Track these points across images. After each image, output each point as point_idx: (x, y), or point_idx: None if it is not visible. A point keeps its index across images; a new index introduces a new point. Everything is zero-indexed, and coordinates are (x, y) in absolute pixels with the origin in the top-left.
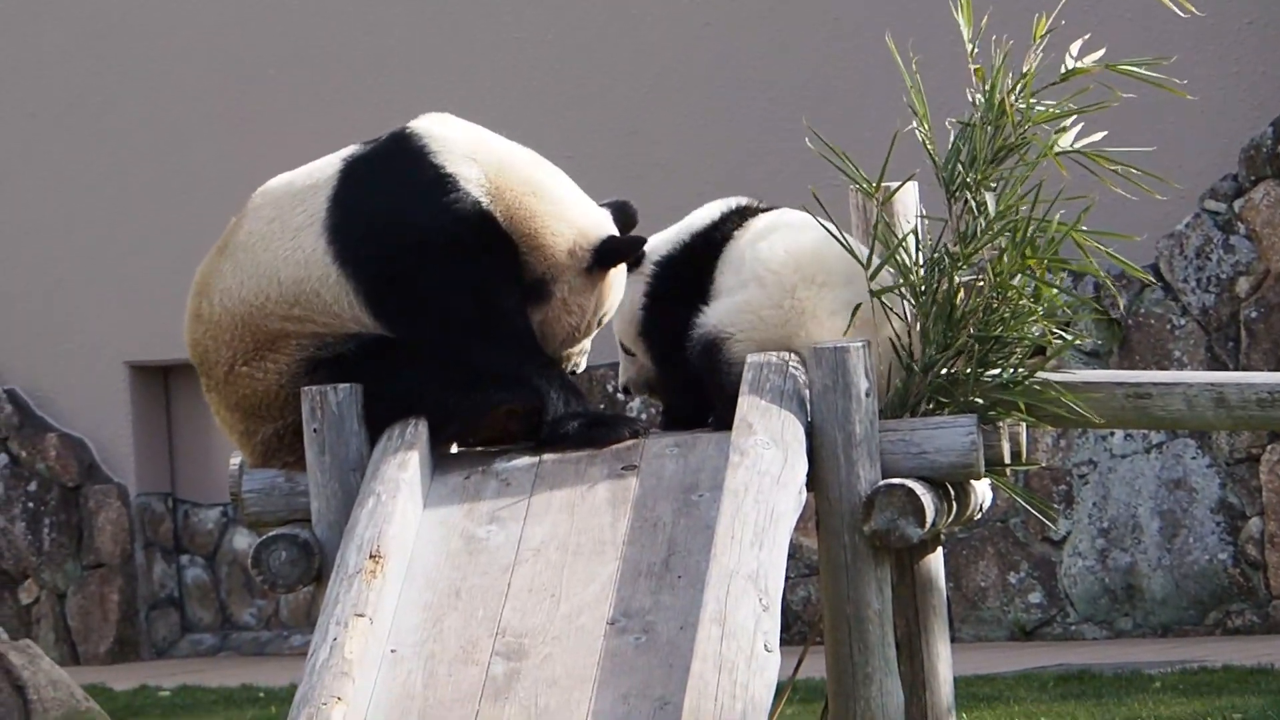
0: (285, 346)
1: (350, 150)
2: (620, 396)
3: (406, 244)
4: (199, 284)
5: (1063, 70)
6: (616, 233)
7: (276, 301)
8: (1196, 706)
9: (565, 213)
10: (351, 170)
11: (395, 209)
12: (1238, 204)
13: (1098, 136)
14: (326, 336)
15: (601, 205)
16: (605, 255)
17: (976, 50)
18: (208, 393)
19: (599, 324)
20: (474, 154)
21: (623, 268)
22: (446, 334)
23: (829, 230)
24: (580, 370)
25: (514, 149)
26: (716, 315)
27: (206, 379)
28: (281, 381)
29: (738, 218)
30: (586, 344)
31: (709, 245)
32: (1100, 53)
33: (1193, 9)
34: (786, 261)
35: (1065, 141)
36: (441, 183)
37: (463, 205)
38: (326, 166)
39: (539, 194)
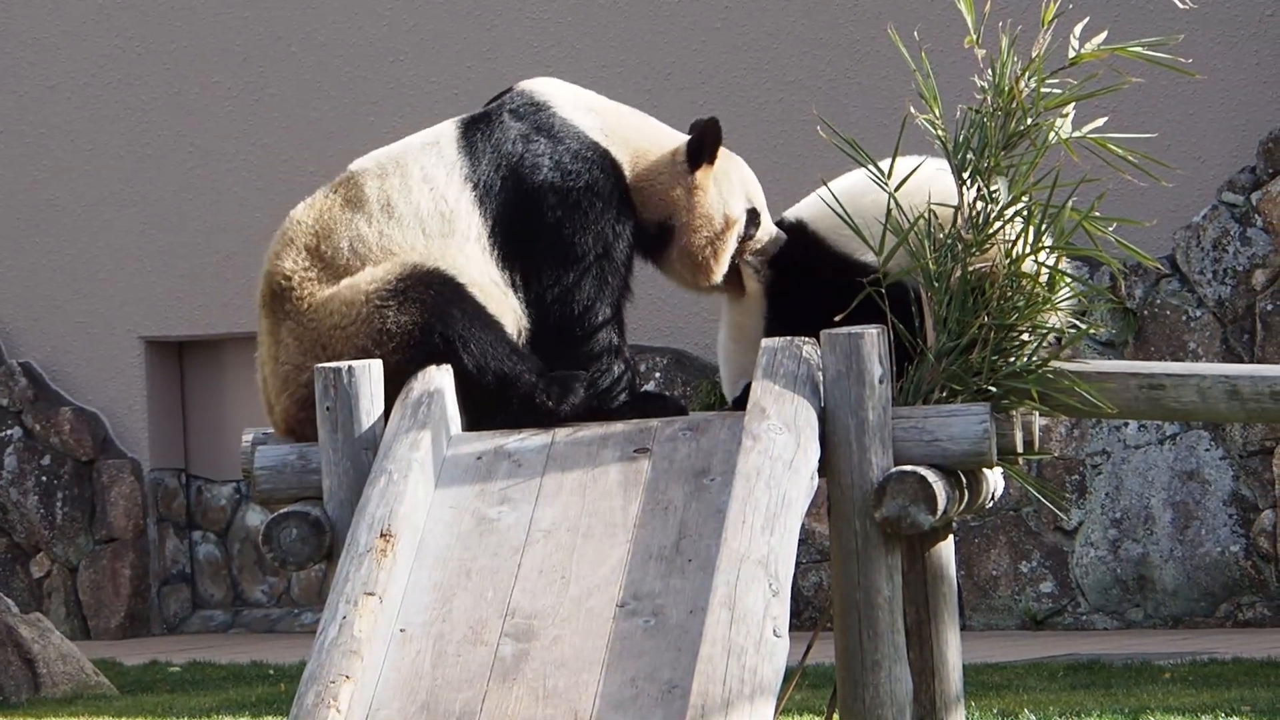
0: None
1: (460, 117)
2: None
3: (543, 184)
4: (315, 227)
5: (1070, 54)
6: None
7: (423, 251)
8: (1206, 698)
9: (664, 144)
10: (476, 127)
11: (529, 154)
12: (1255, 196)
13: (1100, 122)
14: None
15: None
16: (694, 153)
17: (982, 36)
18: (279, 322)
19: (745, 214)
20: (590, 106)
21: (730, 156)
22: (564, 272)
23: (841, 217)
24: (764, 252)
25: (615, 103)
26: None
27: (289, 305)
28: (370, 291)
29: None
30: (759, 230)
31: None
32: (1103, 35)
33: (1189, 2)
34: None
35: (1065, 127)
36: (573, 133)
37: (595, 153)
38: (444, 127)
39: (647, 137)
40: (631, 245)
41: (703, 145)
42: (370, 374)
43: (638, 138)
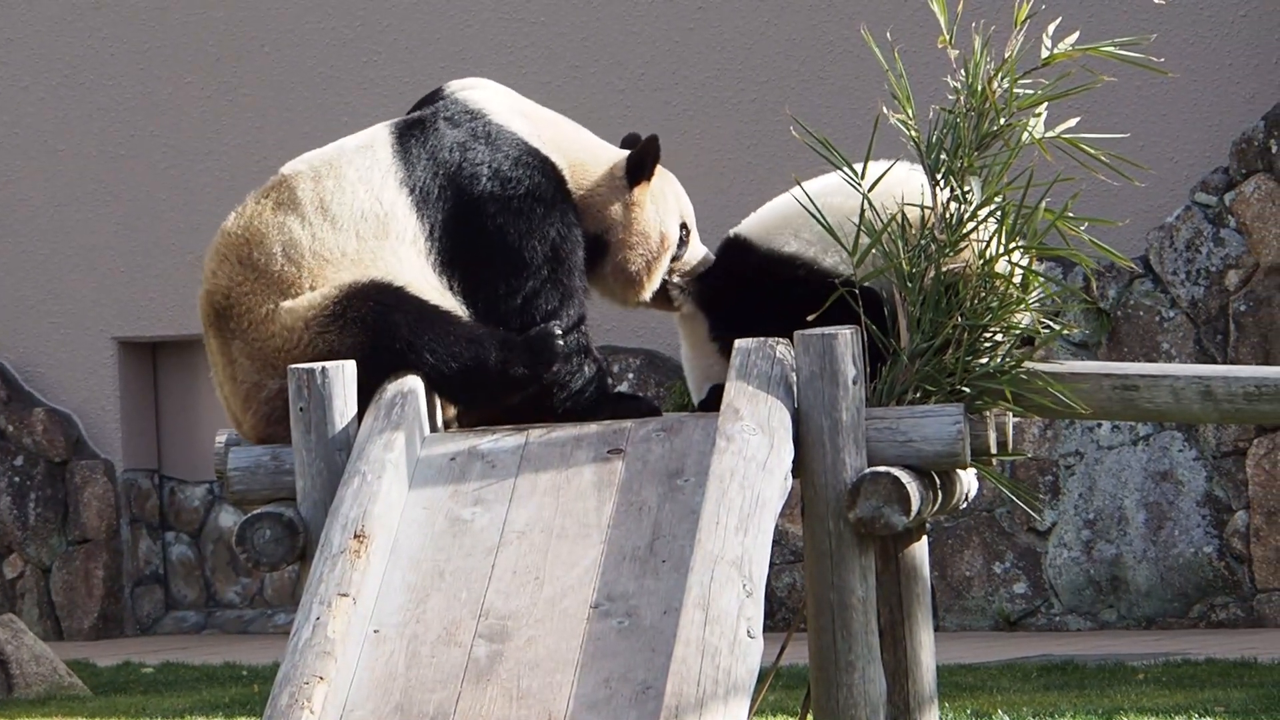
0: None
1: (391, 120)
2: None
3: (482, 193)
4: (243, 235)
5: (1043, 55)
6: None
7: (354, 256)
8: (1179, 699)
9: (600, 157)
10: (410, 128)
11: (468, 162)
12: (1228, 197)
13: (1073, 122)
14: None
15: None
16: (634, 168)
17: (955, 37)
18: (228, 342)
19: (682, 230)
20: (523, 112)
21: (666, 175)
22: (518, 284)
23: (814, 215)
24: (690, 273)
25: (546, 110)
26: None
27: (233, 325)
28: (309, 318)
29: None
30: (687, 251)
31: None
32: (1075, 35)
33: None
34: None
35: (1038, 127)
36: (510, 139)
37: (534, 159)
38: (376, 131)
39: (582, 146)
40: (582, 246)
41: (644, 162)
42: (343, 375)
43: (572, 146)
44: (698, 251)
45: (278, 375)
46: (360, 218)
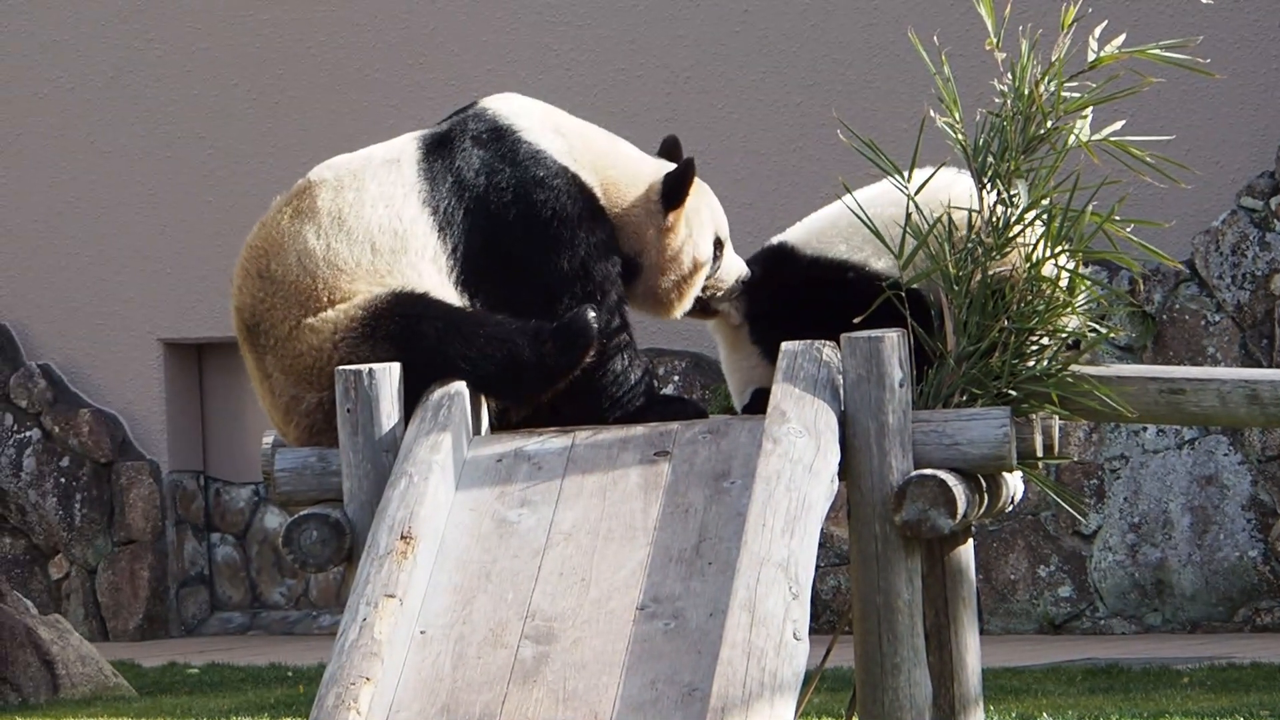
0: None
1: (421, 131)
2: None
3: (509, 215)
4: (264, 247)
5: (1089, 58)
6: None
7: (369, 268)
8: (1224, 703)
9: (636, 175)
10: (437, 145)
11: (494, 186)
12: (1274, 201)
13: (1118, 125)
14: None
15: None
16: (670, 193)
17: (1002, 40)
18: (261, 357)
19: (716, 247)
20: (557, 128)
21: (701, 190)
22: (550, 304)
23: (861, 219)
24: (729, 293)
25: (582, 123)
26: None
27: (262, 340)
28: (337, 339)
29: None
30: (723, 267)
31: None
32: (1121, 38)
33: None
34: None
35: (1084, 130)
36: (539, 159)
37: (563, 179)
38: (405, 144)
39: (616, 164)
40: (617, 262)
41: (680, 187)
42: (390, 376)
43: (606, 163)
44: (732, 266)
45: (314, 389)
46: (378, 231)
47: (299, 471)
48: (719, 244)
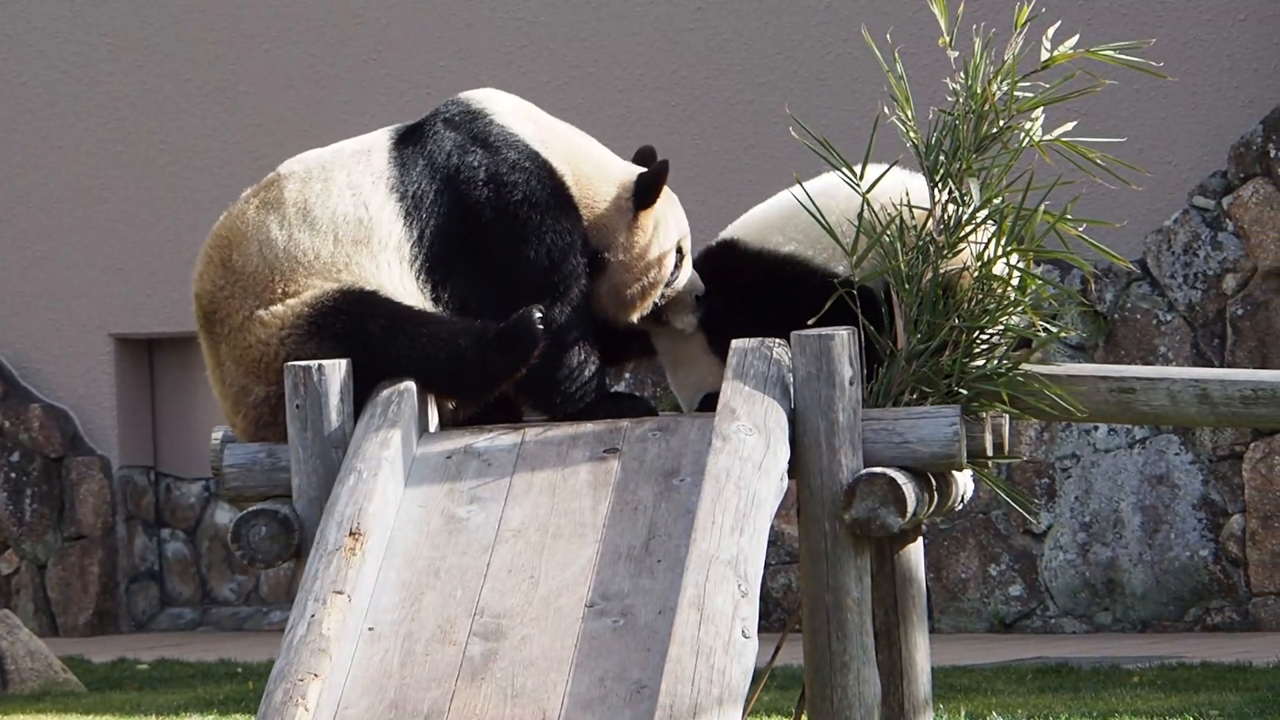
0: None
1: (394, 126)
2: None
3: (479, 197)
4: (226, 236)
5: (1042, 57)
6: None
7: (328, 260)
8: (1174, 702)
9: (608, 173)
10: (410, 133)
11: (466, 166)
12: (1226, 201)
13: (1071, 125)
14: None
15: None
16: (643, 191)
17: (955, 38)
18: (216, 345)
19: (678, 255)
20: (531, 117)
21: (670, 197)
22: (514, 291)
23: (815, 217)
24: (684, 306)
25: (557, 119)
26: None
27: (218, 329)
28: (284, 335)
29: None
30: (680, 276)
31: None
32: (1074, 39)
33: None
34: None
35: (1037, 130)
36: (511, 143)
37: (534, 164)
38: (376, 136)
39: (589, 160)
40: (581, 255)
41: (654, 187)
42: (340, 372)
43: (578, 156)
44: (686, 275)
45: (262, 383)
46: (341, 222)
47: (248, 467)
48: (680, 253)
